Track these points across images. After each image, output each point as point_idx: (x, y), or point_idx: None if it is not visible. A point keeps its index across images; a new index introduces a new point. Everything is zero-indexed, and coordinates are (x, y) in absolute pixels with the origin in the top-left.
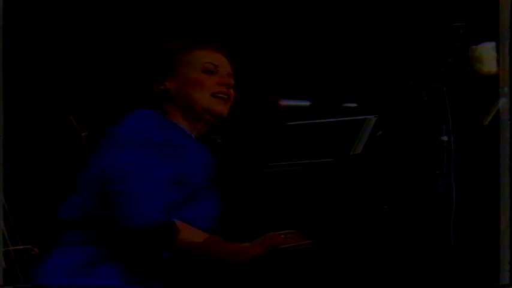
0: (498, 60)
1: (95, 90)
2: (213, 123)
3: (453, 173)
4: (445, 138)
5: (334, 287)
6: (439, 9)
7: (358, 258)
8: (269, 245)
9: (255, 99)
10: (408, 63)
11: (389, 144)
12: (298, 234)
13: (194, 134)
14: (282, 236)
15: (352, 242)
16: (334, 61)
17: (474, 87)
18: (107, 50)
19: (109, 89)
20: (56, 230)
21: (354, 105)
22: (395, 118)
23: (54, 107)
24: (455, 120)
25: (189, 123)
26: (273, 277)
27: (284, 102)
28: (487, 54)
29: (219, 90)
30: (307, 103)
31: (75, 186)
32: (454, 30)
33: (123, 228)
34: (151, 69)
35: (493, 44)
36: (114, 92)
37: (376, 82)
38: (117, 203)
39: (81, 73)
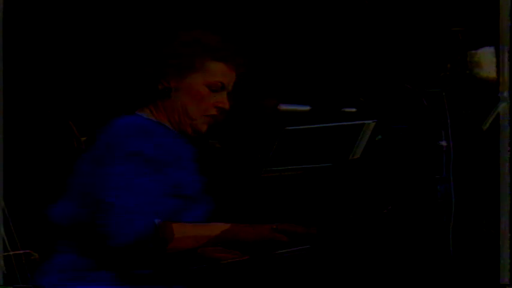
0: (497, 65)
1: (93, 94)
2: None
3: (452, 177)
4: (444, 143)
5: None
6: (438, 13)
7: (358, 263)
8: (269, 229)
9: (254, 104)
10: (407, 68)
11: (388, 149)
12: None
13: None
14: (274, 226)
15: (352, 247)
16: (334, 66)
17: (473, 92)
18: (107, 53)
19: (108, 93)
20: (49, 235)
21: (353, 110)
22: (394, 123)
23: (53, 111)
24: (454, 125)
25: (175, 124)
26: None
27: (283, 107)
28: (486, 59)
29: (211, 112)
30: (306, 108)
31: (65, 191)
32: (453, 35)
33: (113, 243)
34: (160, 64)
35: (492, 48)
36: (113, 95)
37: (375, 87)
38: (104, 216)
39: (80, 77)
